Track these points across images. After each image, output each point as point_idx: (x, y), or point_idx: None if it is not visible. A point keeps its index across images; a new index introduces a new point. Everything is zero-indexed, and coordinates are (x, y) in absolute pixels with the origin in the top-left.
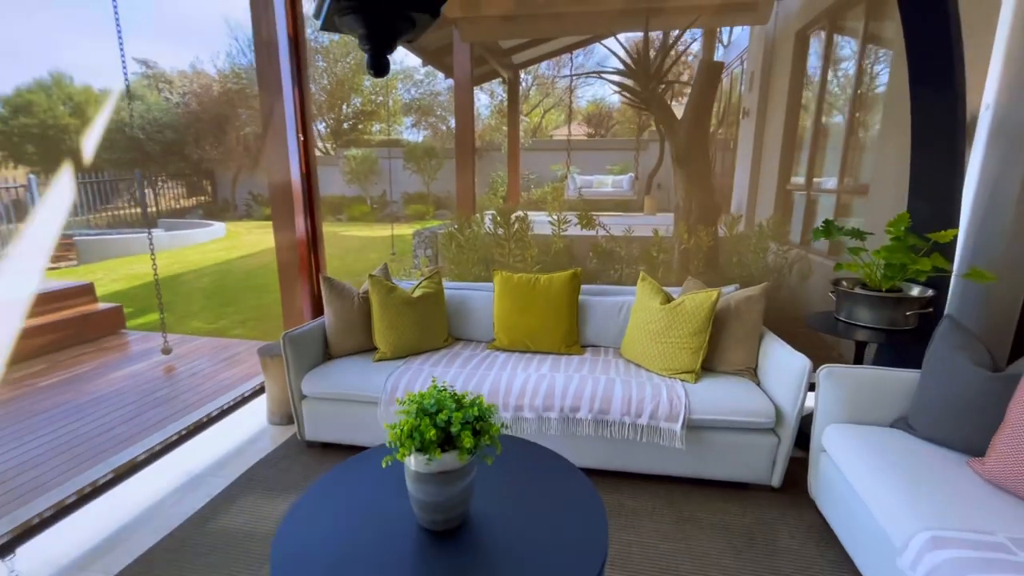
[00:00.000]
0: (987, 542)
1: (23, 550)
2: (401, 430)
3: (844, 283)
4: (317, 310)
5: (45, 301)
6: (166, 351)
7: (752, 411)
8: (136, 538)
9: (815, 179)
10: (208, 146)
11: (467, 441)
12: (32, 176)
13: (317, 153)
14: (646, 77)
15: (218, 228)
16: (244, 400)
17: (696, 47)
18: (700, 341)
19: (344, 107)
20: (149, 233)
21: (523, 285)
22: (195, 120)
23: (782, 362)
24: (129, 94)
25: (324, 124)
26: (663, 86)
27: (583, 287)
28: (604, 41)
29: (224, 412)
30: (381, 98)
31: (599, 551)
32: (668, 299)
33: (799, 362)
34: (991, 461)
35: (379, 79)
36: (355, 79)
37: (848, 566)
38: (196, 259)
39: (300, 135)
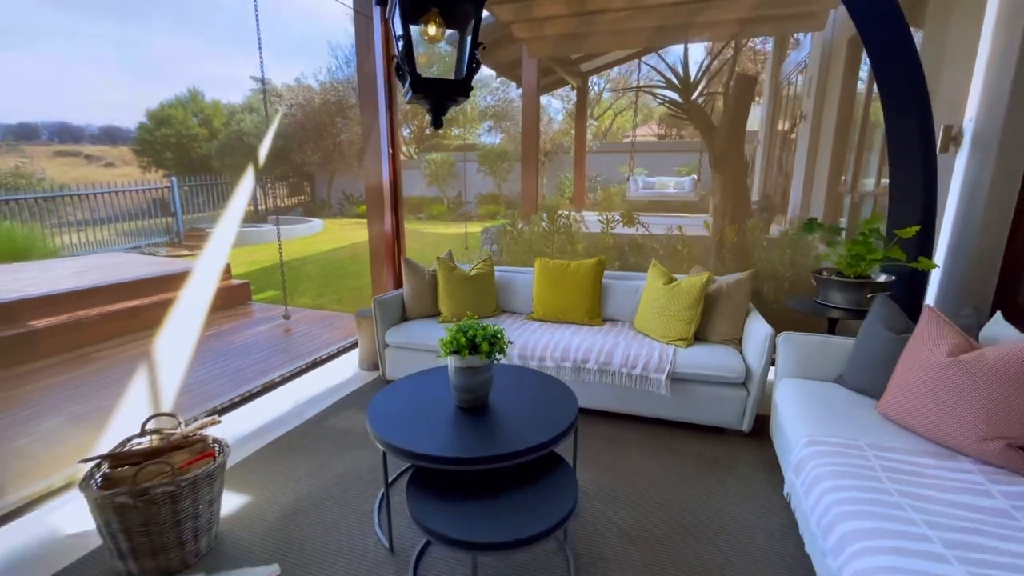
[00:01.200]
0: (847, 443)
1: (244, 413)
2: (446, 340)
3: (824, 272)
4: (398, 285)
5: (197, 275)
6: (287, 316)
7: (726, 368)
8: (277, 428)
9: (861, 181)
10: (309, 151)
11: (484, 347)
12: (174, 179)
13: (401, 158)
14: (687, 90)
15: (316, 224)
16: (342, 351)
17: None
18: (692, 314)
19: (427, 114)
20: (278, 228)
21: (557, 269)
22: (299, 129)
23: (754, 331)
24: (266, 102)
25: (409, 130)
26: (702, 98)
27: (609, 272)
28: (648, 56)
29: (328, 358)
30: (460, 105)
31: (570, 419)
32: (671, 280)
33: (765, 330)
34: (883, 400)
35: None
36: None
37: (779, 477)
38: (300, 249)
39: (390, 148)
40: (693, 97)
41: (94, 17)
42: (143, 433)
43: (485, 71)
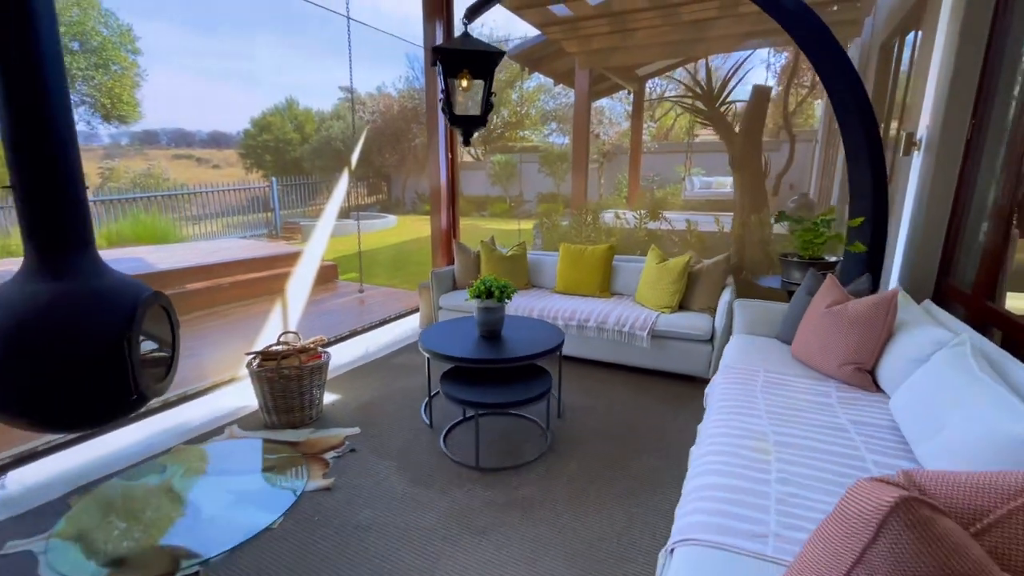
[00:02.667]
0: (746, 368)
1: (337, 349)
2: (473, 288)
3: (789, 255)
4: (452, 264)
5: (293, 259)
6: (361, 291)
7: (696, 328)
8: (360, 361)
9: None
10: (387, 154)
11: (497, 293)
12: (274, 179)
13: (468, 159)
14: (710, 99)
15: (391, 220)
16: (407, 314)
17: (752, 75)
18: (677, 287)
19: (494, 118)
20: (358, 222)
21: (576, 252)
22: (379, 133)
23: (723, 300)
24: (353, 111)
25: (476, 133)
26: (724, 106)
27: (620, 256)
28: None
29: (395, 318)
30: (524, 109)
31: (551, 345)
32: (663, 261)
33: (728, 296)
34: (792, 344)
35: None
36: (502, 96)
37: None
38: (375, 241)
39: (448, 154)
40: (716, 105)
41: (209, 34)
42: (278, 343)
43: (544, 78)
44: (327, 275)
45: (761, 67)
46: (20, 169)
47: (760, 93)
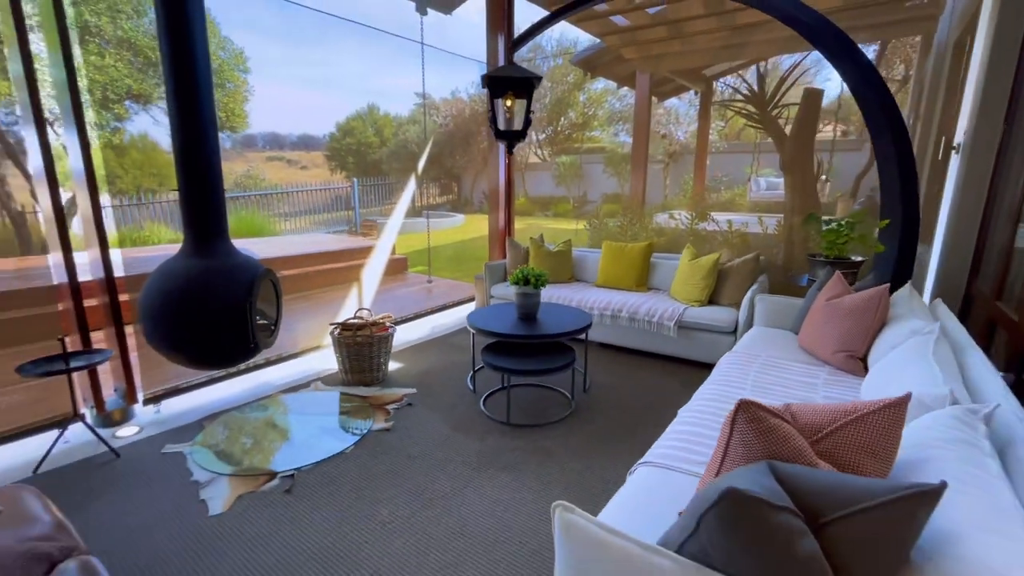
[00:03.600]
0: (749, 352)
1: (402, 328)
2: (513, 276)
3: (817, 255)
4: (504, 258)
5: (369, 251)
6: (429, 281)
7: (721, 320)
8: (422, 339)
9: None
10: (457, 156)
11: (533, 280)
12: (355, 180)
13: (535, 160)
14: (762, 103)
15: (459, 218)
16: (464, 302)
17: (807, 77)
18: (706, 283)
19: (561, 119)
20: (427, 220)
21: (616, 249)
22: (450, 136)
23: (748, 295)
24: (425, 118)
25: (543, 135)
26: (776, 109)
27: (659, 253)
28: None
29: (453, 305)
30: (592, 111)
31: (578, 327)
32: (695, 258)
33: (750, 293)
34: (799, 334)
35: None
36: (570, 97)
37: None
38: (443, 238)
39: (506, 158)
40: (768, 109)
41: (300, 45)
42: (355, 317)
43: (607, 81)
44: (398, 267)
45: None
46: (186, 178)
47: (810, 97)
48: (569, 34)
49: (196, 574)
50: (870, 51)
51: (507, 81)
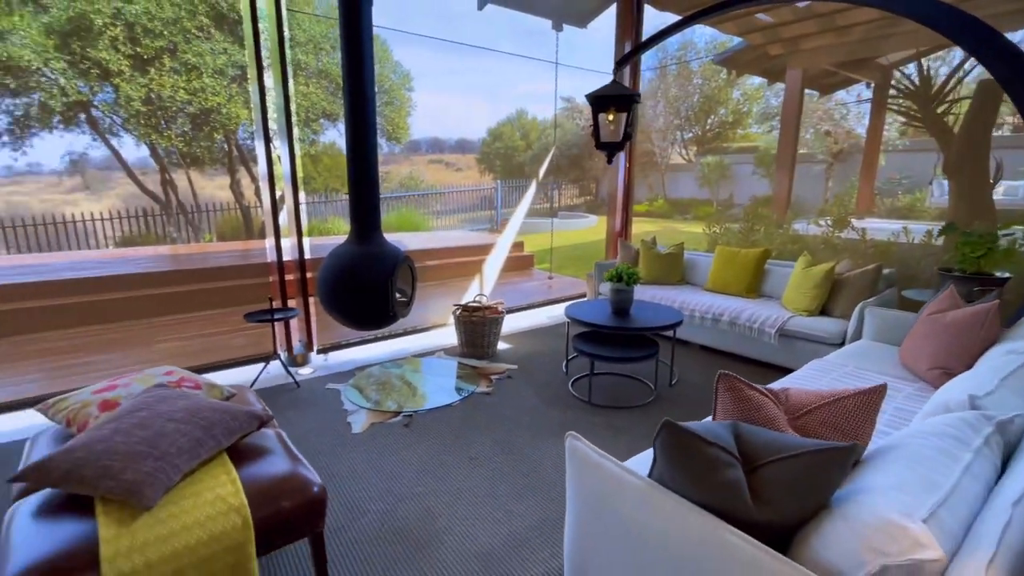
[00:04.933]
0: (838, 362)
1: (517, 316)
2: (607, 274)
3: (951, 269)
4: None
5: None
6: (550, 277)
7: (827, 331)
8: (533, 327)
9: None
10: (597, 157)
11: (625, 278)
12: (499, 181)
13: (679, 160)
14: (925, 99)
15: (592, 219)
16: (578, 297)
17: (979, 70)
18: (817, 292)
19: (711, 118)
20: (551, 222)
21: (729, 254)
22: (591, 139)
23: (859, 307)
24: (555, 127)
25: (689, 134)
26: (941, 107)
27: (775, 261)
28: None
29: (565, 299)
30: (747, 107)
31: (667, 323)
32: (809, 266)
33: (860, 305)
34: (901, 347)
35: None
36: (721, 94)
37: None
38: (574, 238)
39: (627, 163)
40: (933, 106)
41: (465, 56)
42: (474, 301)
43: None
44: (525, 263)
45: None
46: (354, 179)
47: (986, 90)
48: (720, 38)
49: (339, 464)
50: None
51: (609, 98)
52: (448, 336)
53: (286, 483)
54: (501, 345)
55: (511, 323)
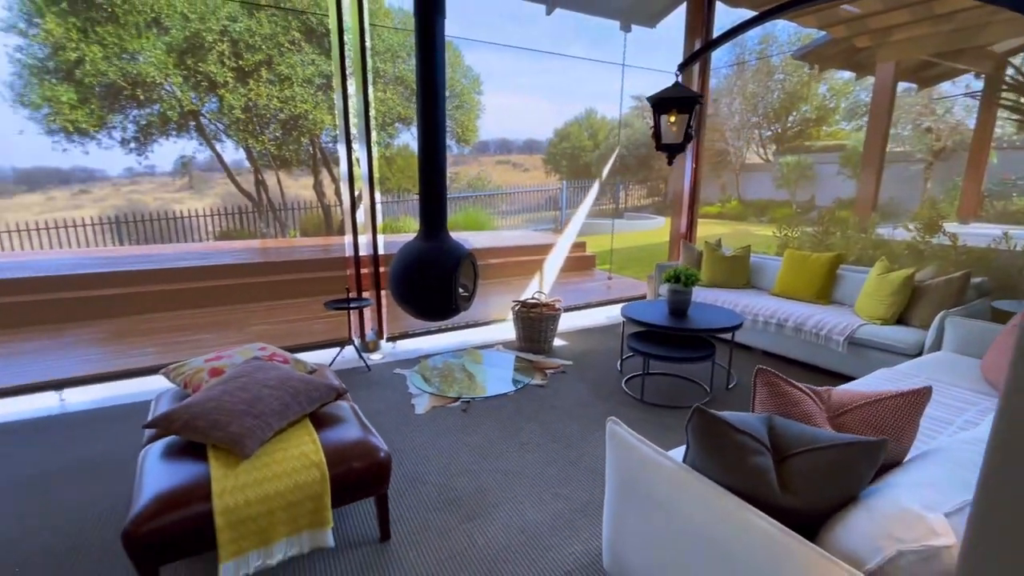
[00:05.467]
0: (907, 373)
1: (575, 314)
2: (667, 273)
3: None
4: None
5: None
6: (609, 278)
7: (902, 341)
8: (590, 325)
9: None
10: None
11: (683, 279)
12: (564, 182)
13: (756, 160)
14: None
15: (660, 221)
16: (638, 298)
17: None
18: (893, 300)
19: (792, 115)
20: (612, 223)
21: (799, 258)
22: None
23: (939, 316)
24: (620, 125)
25: (768, 132)
26: None
27: (848, 266)
28: None
29: (624, 300)
30: (834, 102)
31: (725, 325)
32: (886, 272)
33: (941, 314)
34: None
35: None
36: (805, 90)
37: None
38: (639, 239)
39: (693, 164)
40: None
41: (530, 58)
42: (532, 298)
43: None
44: (586, 264)
45: None
46: (424, 180)
47: None
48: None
49: (403, 440)
50: None
51: (671, 101)
52: (507, 331)
53: (357, 447)
54: (557, 342)
55: (569, 321)
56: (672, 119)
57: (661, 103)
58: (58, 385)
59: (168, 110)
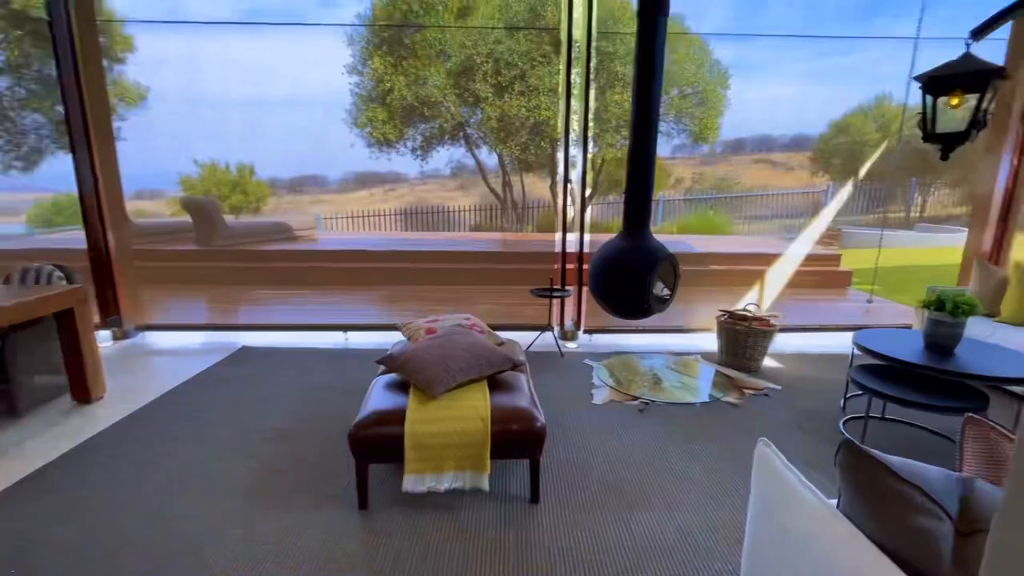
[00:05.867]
0: None
1: (803, 336)
2: (928, 297)
3: None
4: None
5: (813, 259)
6: (869, 301)
7: None
8: (824, 352)
9: None
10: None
11: (948, 306)
12: (831, 185)
13: None
14: None
15: (962, 234)
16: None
17: None
18: None
19: None
20: (880, 234)
21: None
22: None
23: None
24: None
25: None
26: None
27: None
28: None
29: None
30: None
31: (1014, 375)
32: None
33: None
34: None
35: None
36: None
37: None
38: (932, 257)
39: (1015, 160)
40: None
41: (792, 44)
42: (743, 309)
43: None
44: (838, 280)
45: None
46: (629, 179)
47: None
48: None
49: (576, 422)
50: None
51: (953, 78)
52: (711, 342)
53: (519, 413)
54: (769, 362)
55: (791, 341)
56: (954, 102)
57: (936, 83)
58: (345, 328)
59: (444, 123)
